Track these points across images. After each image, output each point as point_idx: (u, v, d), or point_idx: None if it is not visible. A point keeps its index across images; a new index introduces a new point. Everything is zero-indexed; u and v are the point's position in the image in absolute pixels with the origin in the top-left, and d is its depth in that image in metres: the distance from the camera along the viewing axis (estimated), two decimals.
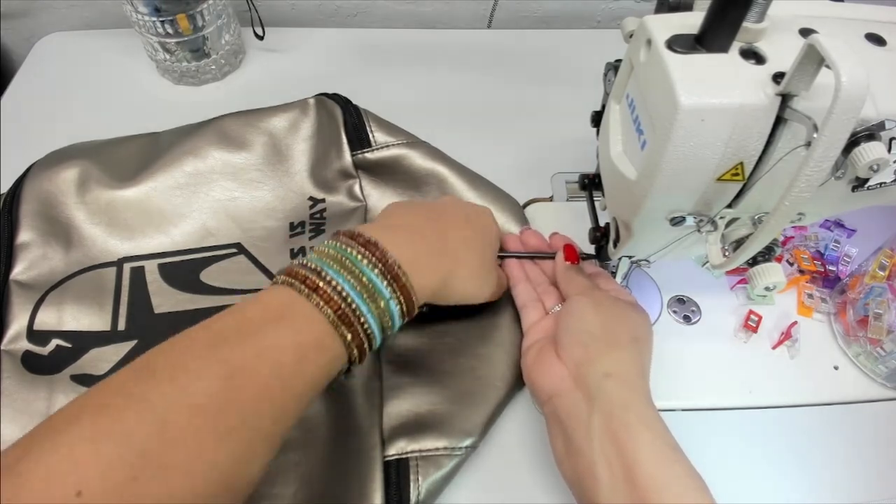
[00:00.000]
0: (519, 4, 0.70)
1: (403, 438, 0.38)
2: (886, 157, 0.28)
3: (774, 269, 0.34)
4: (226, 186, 0.49)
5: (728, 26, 0.28)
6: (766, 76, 0.28)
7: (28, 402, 0.39)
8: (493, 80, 0.63)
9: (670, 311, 0.47)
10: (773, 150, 0.29)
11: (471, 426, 0.39)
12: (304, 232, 0.48)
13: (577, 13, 0.71)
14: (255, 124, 0.50)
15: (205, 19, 0.56)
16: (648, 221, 0.34)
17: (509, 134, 0.58)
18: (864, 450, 0.42)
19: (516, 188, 0.51)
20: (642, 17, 0.31)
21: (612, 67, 0.37)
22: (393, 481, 0.36)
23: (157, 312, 0.44)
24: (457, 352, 0.42)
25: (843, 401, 0.44)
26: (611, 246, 0.41)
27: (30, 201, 0.46)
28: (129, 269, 0.45)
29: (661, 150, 0.29)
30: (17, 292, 0.43)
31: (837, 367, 0.45)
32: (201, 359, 0.27)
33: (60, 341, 0.42)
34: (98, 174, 0.47)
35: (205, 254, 0.47)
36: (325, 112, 0.52)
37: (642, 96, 0.31)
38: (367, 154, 0.49)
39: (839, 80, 0.23)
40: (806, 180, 0.25)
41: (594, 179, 0.43)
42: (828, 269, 0.49)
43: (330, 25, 0.71)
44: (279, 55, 0.64)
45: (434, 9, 0.70)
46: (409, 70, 0.64)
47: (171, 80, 0.61)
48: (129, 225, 0.47)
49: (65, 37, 0.66)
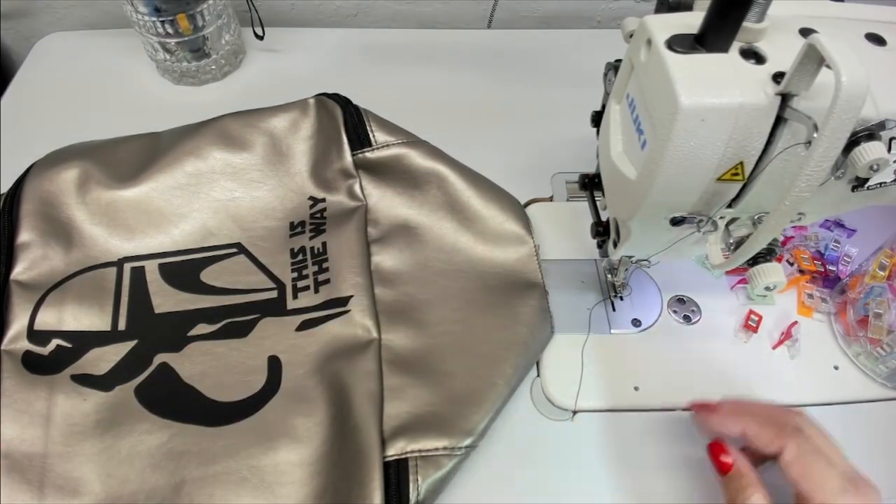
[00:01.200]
0: (519, 4, 0.70)
1: (403, 439, 0.38)
2: (886, 156, 0.28)
3: (774, 269, 0.34)
4: (226, 186, 0.49)
5: (728, 26, 0.28)
6: (766, 76, 0.28)
7: (28, 402, 0.39)
8: (494, 80, 0.63)
9: (670, 311, 0.47)
10: (773, 150, 0.29)
11: (470, 426, 0.39)
12: (304, 231, 0.48)
13: (577, 13, 0.71)
14: (256, 124, 0.50)
15: (205, 19, 0.56)
16: (648, 221, 0.34)
17: (509, 134, 0.58)
18: (865, 450, 0.42)
19: (516, 188, 0.51)
20: (642, 17, 0.31)
21: (612, 67, 0.37)
22: (392, 482, 0.36)
23: (158, 312, 0.44)
24: (457, 351, 0.42)
25: (843, 401, 0.44)
26: (611, 246, 0.41)
27: (30, 201, 0.46)
28: (129, 269, 0.45)
29: (661, 150, 0.29)
30: (18, 292, 0.43)
31: (837, 367, 0.45)
32: None
33: (61, 341, 0.42)
34: (98, 174, 0.47)
35: (205, 254, 0.47)
36: (325, 112, 0.52)
37: (642, 96, 0.31)
38: (368, 153, 0.49)
39: (839, 80, 0.23)
40: (806, 180, 0.25)
41: (594, 179, 0.43)
42: (828, 269, 0.49)
43: (330, 25, 0.71)
44: (279, 55, 0.64)
45: (434, 9, 0.70)
46: (409, 70, 0.64)
47: (171, 80, 0.61)
48: (129, 225, 0.47)
49: (65, 37, 0.66)
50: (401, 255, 0.47)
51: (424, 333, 0.43)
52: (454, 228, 0.48)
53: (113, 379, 0.40)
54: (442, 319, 0.44)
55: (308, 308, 0.44)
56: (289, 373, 0.41)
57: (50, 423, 0.38)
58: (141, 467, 0.37)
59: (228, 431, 0.39)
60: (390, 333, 0.43)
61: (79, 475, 0.37)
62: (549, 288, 0.46)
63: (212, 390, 0.41)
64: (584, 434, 0.42)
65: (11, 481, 0.36)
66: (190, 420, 0.39)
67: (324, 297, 0.44)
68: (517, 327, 0.43)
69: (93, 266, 0.45)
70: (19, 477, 0.36)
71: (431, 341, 0.43)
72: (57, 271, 0.44)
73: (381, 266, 0.46)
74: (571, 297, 0.47)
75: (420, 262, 0.47)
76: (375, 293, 0.44)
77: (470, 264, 0.47)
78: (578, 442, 0.42)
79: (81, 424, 0.38)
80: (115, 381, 0.40)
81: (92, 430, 0.38)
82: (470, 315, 0.44)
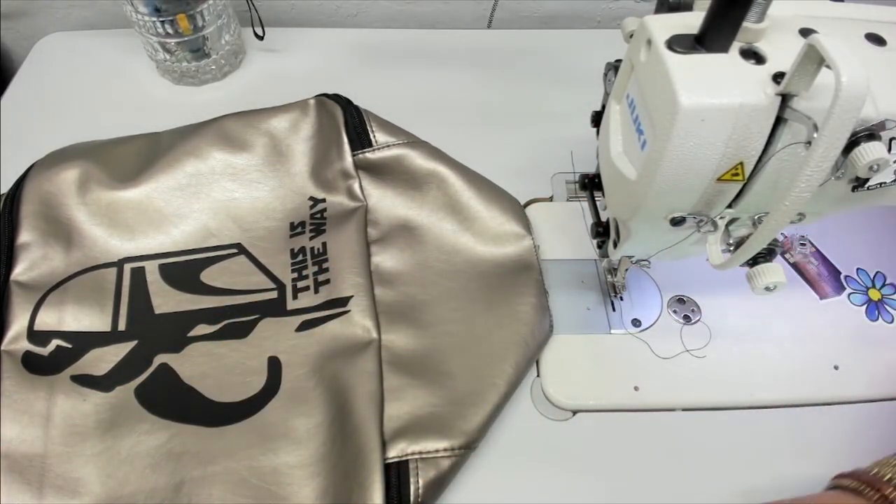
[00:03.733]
0: (519, 4, 0.70)
1: (403, 440, 0.38)
2: (886, 157, 0.28)
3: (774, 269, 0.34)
4: (226, 187, 0.49)
5: (728, 26, 0.28)
6: (766, 76, 0.28)
7: (28, 402, 0.39)
8: (493, 80, 0.63)
9: (670, 311, 0.47)
10: (773, 150, 0.29)
11: (471, 426, 0.39)
12: (304, 232, 0.48)
13: (577, 13, 0.71)
14: (256, 125, 0.50)
15: (205, 19, 0.56)
16: (648, 221, 0.34)
17: (509, 134, 0.58)
18: (865, 450, 0.42)
19: (516, 188, 0.51)
20: (642, 17, 0.31)
21: (612, 67, 0.37)
22: (393, 483, 0.36)
23: (158, 313, 0.44)
24: (457, 351, 0.42)
25: (843, 401, 0.44)
26: (611, 246, 0.41)
27: (30, 202, 0.46)
28: (129, 269, 0.45)
29: (661, 150, 0.29)
30: (18, 293, 0.43)
31: (837, 367, 0.45)
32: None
33: (61, 342, 0.42)
34: (98, 174, 0.47)
35: (205, 254, 0.47)
36: (325, 112, 0.52)
37: (642, 96, 0.31)
38: (368, 154, 0.50)
39: (839, 80, 0.23)
40: (806, 180, 0.25)
41: (594, 179, 0.43)
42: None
43: (330, 25, 0.71)
44: (279, 55, 0.64)
45: (434, 9, 0.70)
46: (409, 70, 0.64)
47: (171, 80, 0.61)
48: (129, 225, 0.47)
49: (65, 37, 0.66)
50: (401, 256, 0.47)
51: (424, 334, 0.43)
52: (454, 229, 0.48)
53: (113, 379, 0.41)
54: (442, 320, 0.44)
55: (308, 308, 0.44)
56: (289, 373, 0.41)
57: (50, 424, 0.38)
58: (141, 468, 0.37)
59: (228, 432, 0.39)
60: (390, 334, 0.43)
61: (78, 476, 0.37)
62: (549, 288, 0.46)
63: (212, 391, 0.41)
64: (584, 434, 0.42)
65: (11, 481, 0.36)
66: (190, 421, 0.39)
67: (324, 297, 0.44)
68: (517, 326, 0.43)
69: (93, 266, 0.45)
70: (19, 477, 0.36)
71: (431, 342, 0.43)
72: (57, 272, 0.44)
73: (381, 266, 0.46)
74: (571, 297, 0.47)
75: (420, 262, 0.47)
76: (375, 293, 0.44)
77: (470, 264, 0.47)
78: (578, 442, 0.42)
79: (81, 425, 0.38)
80: (115, 382, 0.40)
81: (92, 431, 0.38)
82: (470, 315, 0.44)
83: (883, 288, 0.49)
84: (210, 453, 0.38)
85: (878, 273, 0.49)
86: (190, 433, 0.38)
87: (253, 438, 0.38)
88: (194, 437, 0.38)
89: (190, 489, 0.36)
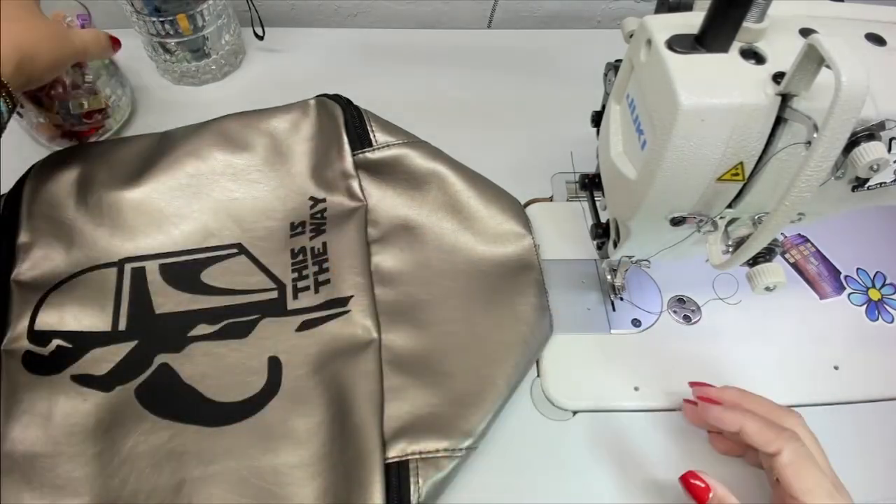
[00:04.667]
0: (519, 4, 0.70)
1: (404, 440, 0.38)
2: (886, 157, 0.28)
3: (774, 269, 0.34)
4: (227, 187, 0.49)
5: (728, 26, 0.28)
6: (766, 76, 0.28)
7: (29, 402, 0.39)
8: (493, 80, 0.63)
9: (670, 311, 0.47)
10: (773, 150, 0.29)
11: (471, 426, 0.39)
12: (304, 232, 0.48)
13: (577, 13, 0.71)
14: (256, 125, 0.50)
15: (205, 19, 0.56)
16: (648, 221, 0.34)
17: (509, 134, 0.58)
18: (865, 450, 0.42)
19: (516, 188, 0.51)
20: (642, 17, 0.31)
21: (612, 67, 0.37)
22: (393, 484, 0.36)
23: (158, 313, 0.44)
24: (457, 351, 0.42)
25: (843, 401, 0.44)
26: (611, 246, 0.41)
27: (31, 202, 0.46)
28: (129, 269, 0.45)
29: (661, 150, 0.29)
30: (19, 292, 0.43)
31: (837, 367, 0.45)
32: None
33: (61, 341, 0.42)
34: (99, 175, 0.47)
35: (206, 254, 0.47)
36: (325, 112, 0.52)
37: (642, 96, 0.31)
38: (368, 154, 0.50)
39: (839, 80, 0.23)
40: (806, 180, 0.25)
41: (594, 179, 0.43)
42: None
43: (330, 25, 0.71)
44: (279, 55, 0.64)
45: (434, 9, 0.70)
46: (409, 70, 0.64)
47: (171, 80, 0.61)
48: (130, 225, 0.47)
49: None
50: (401, 256, 0.47)
51: (425, 334, 0.43)
52: (454, 228, 0.48)
53: (113, 379, 0.41)
54: (442, 319, 0.44)
55: (308, 308, 0.44)
56: (289, 373, 0.41)
57: (50, 423, 0.38)
58: (141, 467, 0.37)
59: (229, 432, 0.39)
60: (390, 334, 0.43)
61: (79, 475, 0.37)
62: (549, 288, 0.46)
63: (212, 391, 0.41)
64: (584, 434, 0.42)
65: (11, 481, 0.36)
66: (190, 420, 0.39)
67: (324, 297, 0.44)
68: (518, 326, 0.43)
69: (93, 266, 0.45)
70: (19, 477, 0.36)
71: (432, 341, 0.43)
72: (58, 272, 0.44)
73: (382, 266, 0.46)
74: (571, 297, 0.47)
75: (420, 262, 0.47)
76: (375, 293, 0.44)
77: (470, 264, 0.47)
78: (578, 442, 0.42)
79: (82, 425, 0.38)
80: (115, 382, 0.40)
81: (92, 431, 0.38)
82: (470, 315, 0.44)
83: (883, 288, 0.49)
84: (210, 453, 0.38)
85: (878, 273, 0.49)
86: (190, 433, 0.38)
87: (253, 438, 0.38)
88: (194, 436, 0.38)
89: (190, 489, 0.36)
